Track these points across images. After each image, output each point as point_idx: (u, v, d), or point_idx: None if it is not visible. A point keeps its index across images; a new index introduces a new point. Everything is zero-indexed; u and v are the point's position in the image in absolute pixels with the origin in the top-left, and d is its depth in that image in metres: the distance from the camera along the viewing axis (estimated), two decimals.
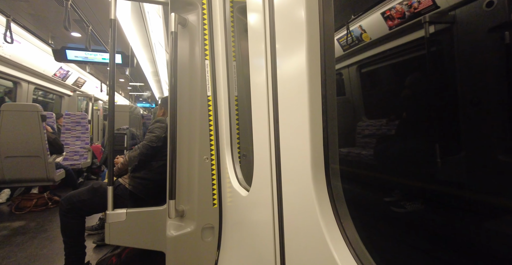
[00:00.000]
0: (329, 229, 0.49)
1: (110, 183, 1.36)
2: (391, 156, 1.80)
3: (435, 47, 1.57)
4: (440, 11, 1.61)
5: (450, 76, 1.49)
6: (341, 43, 2.58)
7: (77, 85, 5.96)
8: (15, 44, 3.49)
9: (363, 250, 0.48)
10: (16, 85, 4.33)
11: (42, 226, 2.77)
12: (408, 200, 1.55)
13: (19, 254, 2.17)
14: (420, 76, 1.58)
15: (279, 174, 0.65)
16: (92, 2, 3.36)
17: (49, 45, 4.24)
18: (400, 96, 1.80)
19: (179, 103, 1.27)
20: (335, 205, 0.52)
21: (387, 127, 2.09)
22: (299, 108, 0.55)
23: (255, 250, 0.85)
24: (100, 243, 2.29)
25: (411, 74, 1.77)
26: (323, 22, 0.53)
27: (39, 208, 3.26)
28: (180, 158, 1.27)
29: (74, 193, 1.74)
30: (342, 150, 2.29)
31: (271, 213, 0.70)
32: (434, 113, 1.55)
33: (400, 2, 1.93)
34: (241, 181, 1.10)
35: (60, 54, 3.79)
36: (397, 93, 2.06)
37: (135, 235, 1.41)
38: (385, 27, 2.08)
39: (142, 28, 3.88)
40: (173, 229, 1.26)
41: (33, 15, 3.77)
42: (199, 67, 1.29)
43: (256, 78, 0.78)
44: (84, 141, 4.58)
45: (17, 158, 2.98)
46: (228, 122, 1.22)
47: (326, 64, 0.53)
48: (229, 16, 1.26)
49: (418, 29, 1.78)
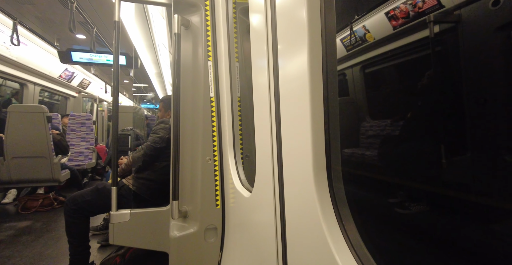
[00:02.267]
0: (330, 231, 0.49)
1: (114, 184, 1.36)
2: (396, 157, 1.78)
3: (440, 46, 1.56)
4: (445, 11, 1.59)
5: (455, 76, 1.47)
6: (345, 43, 2.57)
7: (82, 86, 6.03)
8: (22, 46, 3.54)
9: (364, 252, 0.48)
10: (23, 86, 4.39)
11: (47, 226, 2.80)
12: (412, 202, 1.54)
13: (25, 253, 2.19)
14: (425, 76, 1.57)
15: (281, 175, 0.64)
16: (97, 4, 3.39)
17: (55, 47, 4.30)
18: (405, 96, 1.78)
19: (182, 104, 1.27)
20: (337, 207, 0.52)
21: (391, 127, 2.07)
22: (301, 109, 0.55)
23: (257, 251, 0.85)
24: (104, 243, 2.31)
25: (415, 74, 1.76)
26: (325, 23, 0.53)
27: (44, 208, 3.30)
28: (183, 159, 1.28)
29: (79, 193, 1.75)
30: (346, 151, 2.28)
31: (273, 214, 0.69)
32: (439, 113, 1.53)
33: (404, 2, 1.91)
34: (244, 182, 1.10)
35: (65, 55, 3.84)
36: (401, 94, 2.04)
37: (139, 236, 1.41)
38: (389, 27, 2.07)
39: (146, 30, 3.91)
40: (176, 229, 1.26)
41: (39, 18, 3.83)
42: (202, 68, 1.29)
43: (258, 79, 0.78)
44: (89, 142, 4.62)
45: (24, 159, 3.02)
46: (231, 123, 1.22)
47: (328, 65, 0.53)
48: (231, 17, 1.26)
49: (423, 28, 1.77)
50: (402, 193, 1.63)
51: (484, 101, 1.29)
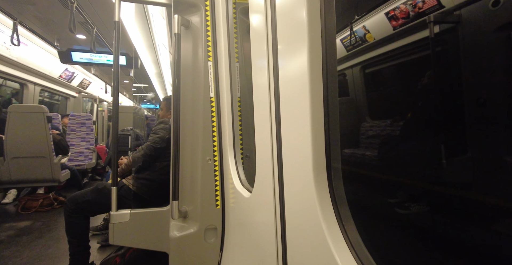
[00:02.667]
0: (330, 231, 0.49)
1: (114, 184, 1.36)
2: (396, 157, 1.78)
3: (440, 47, 1.56)
4: (445, 11, 1.59)
5: (455, 77, 1.47)
6: (345, 43, 2.57)
7: (82, 86, 6.03)
8: (22, 46, 3.54)
9: (364, 252, 0.48)
10: (23, 86, 4.39)
11: (47, 226, 2.80)
12: (413, 202, 1.54)
13: (25, 253, 2.19)
14: (425, 76, 1.57)
15: (281, 176, 0.64)
16: (97, 5, 3.39)
17: (55, 47, 4.30)
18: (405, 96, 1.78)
19: (182, 104, 1.27)
20: (336, 207, 0.52)
21: (391, 128, 2.07)
22: (301, 109, 0.55)
23: (257, 251, 0.85)
24: (104, 244, 2.30)
25: (415, 74, 1.76)
26: (325, 23, 0.53)
27: (44, 208, 3.30)
28: (183, 159, 1.28)
29: (79, 193, 1.75)
30: (346, 151, 2.28)
31: (273, 214, 0.69)
32: (439, 113, 1.54)
33: (404, 2, 1.91)
34: (244, 182, 1.10)
35: (65, 56, 3.85)
36: (401, 94, 2.05)
37: (139, 236, 1.41)
38: (389, 27, 2.07)
39: (146, 30, 3.92)
40: (176, 230, 1.26)
41: (39, 18, 3.83)
42: (202, 69, 1.29)
43: (258, 79, 0.78)
44: (89, 142, 4.63)
45: (24, 159, 3.02)
46: (231, 123, 1.22)
47: (328, 65, 0.53)
48: (232, 18, 1.26)
49: (423, 29, 1.77)
50: (402, 193, 1.63)
51: (483, 101, 1.30)
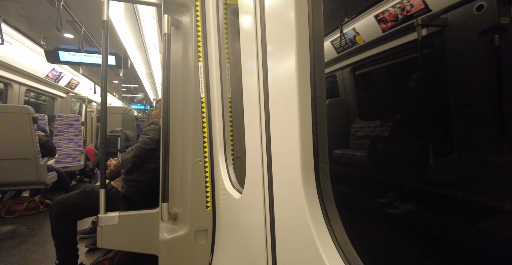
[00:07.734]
0: (318, 231, 0.49)
1: (103, 186, 1.34)
2: (385, 158, 1.81)
3: (427, 49, 1.60)
4: (432, 14, 1.63)
5: (442, 78, 1.51)
6: (335, 45, 2.60)
7: (70, 86, 5.89)
8: (6, 45, 3.43)
9: (351, 252, 0.48)
10: (7, 86, 4.26)
11: (32, 230, 2.72)
12: (402, 201, 1.56)
13: (8, 259, 2.12)
14: (413, 78, 1.60)
15: (271, 177, 0.64)
16: (85, 3, 3.32)
17: (41, 46, 4.19)
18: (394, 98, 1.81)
19: (172, 105, 1.26)
20: (324, 207, 0.52)
21: (380, 128, 2.10)
22: (289, 110, 0.55)
23: (248, 252, 0.85)
24: (92, 247, 2.25)
25: (404, 76, 1.79)
26: (313, 25, 0.53)
27: (30, 211, 3.20)
28: (173, 160, 1.26)
29: (65, 197, 1.71)
30: (336, 152, 2.30)
31: (263, 215, 0.69)
32: (427, 114, 1.57)
33: (393, 5, 1.95)
34: (234, 184, 1.09)
35: (52, 55, 3.75)
36: (390, 95, 2.08)
37: (128, 239, 1.39)
38: (379, 29, 2.10)
39: (136, 30, 3.86)
40: (166, 232, 1.25)
41: (24, 16, 3.72)
42: (193, 69, 1.28)
43: (248, 80, 0.77)
44: (77, 143, 4.52)
45: (8, 161, 2.93)
46: (222, 124, 1.22)
47: (316, 66, 0.53)
48: (222, 18, 1.25)
49: (411, 31, 1.81)
50: (392, 193, 1.66)
51: (468, 102, 1.33)
